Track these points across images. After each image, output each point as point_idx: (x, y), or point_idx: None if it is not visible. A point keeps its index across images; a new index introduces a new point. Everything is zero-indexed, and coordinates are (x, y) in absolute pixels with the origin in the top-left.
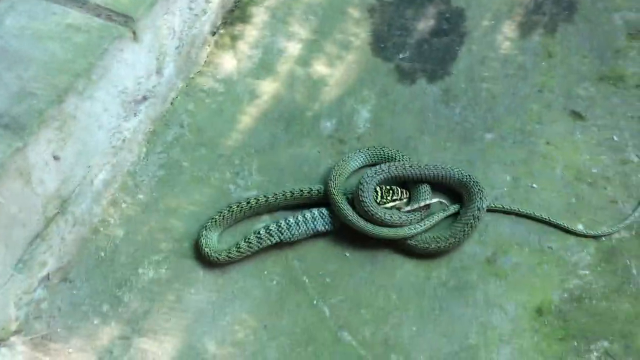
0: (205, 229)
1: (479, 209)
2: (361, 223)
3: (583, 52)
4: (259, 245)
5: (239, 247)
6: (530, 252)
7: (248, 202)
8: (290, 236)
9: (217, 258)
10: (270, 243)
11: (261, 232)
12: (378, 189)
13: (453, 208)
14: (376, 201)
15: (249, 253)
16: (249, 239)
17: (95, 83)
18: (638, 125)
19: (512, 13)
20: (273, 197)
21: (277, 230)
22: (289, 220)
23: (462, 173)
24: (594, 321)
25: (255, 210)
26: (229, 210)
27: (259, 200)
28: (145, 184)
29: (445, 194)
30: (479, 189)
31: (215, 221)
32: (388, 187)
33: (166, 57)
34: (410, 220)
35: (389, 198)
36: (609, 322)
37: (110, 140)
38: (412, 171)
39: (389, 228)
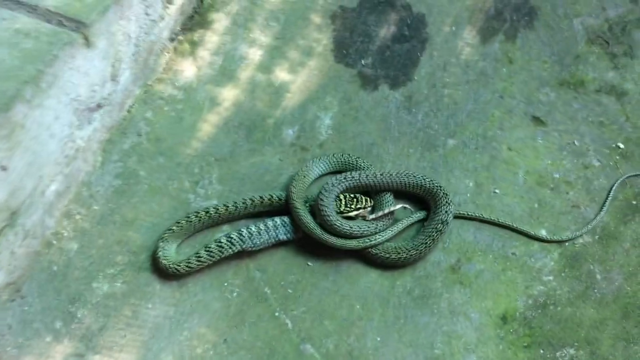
0: (163, 241)
1: (442, 223)
2: (321, 233)
3: (543, 57)
4: (220, 254)
5: (199, 256)
6: (494, 259)
7: (207, 212)
8: (252, 245)
9: (177, 269)
10: (231, 252)
11: (222, 241)
12: (342, 197)
13: (416, 217)
14: (339, 210)
15: (209, 262)
16: (209, 247)
17: (45, 91)
18: (599, 130)
19: (472, 19)
20: (233, 205)
21: (239, 238)
22: (251, 229)
23: (432, 182)
24: (559, 328)
25: (215, 220)
26: (187, 221)
27: (218, 209)
28: (101, 194)
29: (411, 201)
30: (446, 201)
31: (173, 232)
32: (352, 195)
33: (122, 64)
34: (372, 230)
35: (352, 207)
36: (575, 329)
37: (63, 149)
38: (378, 180)
39: (347, 239)
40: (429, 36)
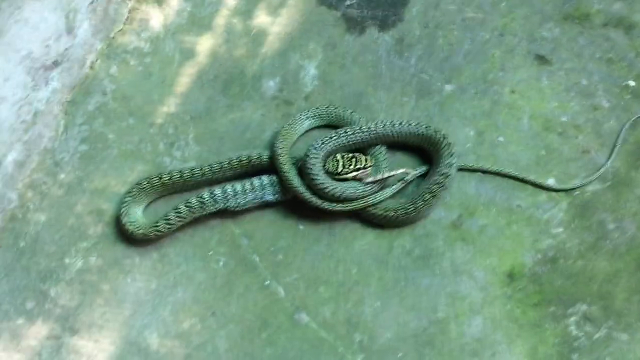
0: (125, 215)
1: (444, 175)
2: (310, 196)
3: None
4: (202, 210)
5: (179, 212)
6: (498, 213)
7: (160, 178)
8: (236, 204)
9: (157, 230)
10: (213, 209)
11: (205, 196)
12: (339, 157)
13: (412, 176)
14: (337, 171)
15: (190, 219)
16: (190, 203)
17: None
18: (607, 68)
19: None
20: (189, 172)
21: (223, 196)
22: (236, 187)
23: (435, 130)
24: (570, 283)
25: (187, 186)
26: (144, 184)
27: (172, 177)
28: (67, 161)
29: (414, 154)
30: (448, 153)
31: (128, 204)
32: (350, 155)
33: (78, 15)
34: (365, 191)
35: (351, 167)
36: (587, 283)
37: (18, 114)
38: (373, 133)
39: (338, 202)
40: None
